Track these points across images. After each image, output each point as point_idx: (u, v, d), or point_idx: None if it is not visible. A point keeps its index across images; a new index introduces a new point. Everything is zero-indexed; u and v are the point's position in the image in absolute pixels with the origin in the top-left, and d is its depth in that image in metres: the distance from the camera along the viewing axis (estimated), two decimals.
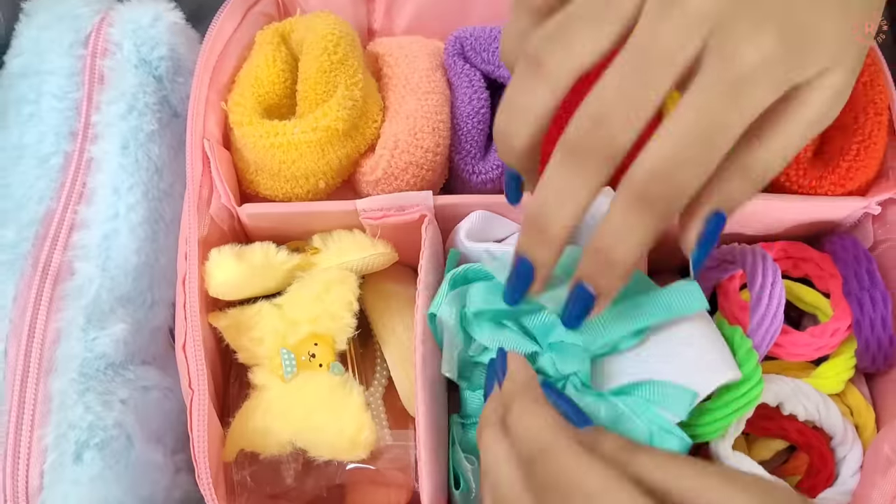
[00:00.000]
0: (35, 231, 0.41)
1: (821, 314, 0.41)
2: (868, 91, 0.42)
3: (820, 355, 0.39)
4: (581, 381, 0.36)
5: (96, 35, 0.46)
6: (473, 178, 0.45)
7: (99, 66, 0.45)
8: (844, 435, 0.38)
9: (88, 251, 0.41)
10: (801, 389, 0.38)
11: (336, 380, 0.39)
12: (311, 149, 0.41)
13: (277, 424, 0.38)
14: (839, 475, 0.38)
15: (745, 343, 0.35)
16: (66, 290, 0.40)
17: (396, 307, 0.43)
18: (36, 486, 0.37)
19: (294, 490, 0.41)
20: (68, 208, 0.42)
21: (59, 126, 0.44)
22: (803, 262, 0.42)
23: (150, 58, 0.46)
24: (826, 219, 0.43)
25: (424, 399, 0.37)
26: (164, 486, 0.41)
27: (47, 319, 0.39)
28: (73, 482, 0.37)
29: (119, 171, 0.43)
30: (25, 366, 0.38)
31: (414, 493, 0.42)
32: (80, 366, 0.39)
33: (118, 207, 0.43)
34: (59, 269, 0.41)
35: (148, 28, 0.46)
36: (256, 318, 0.40)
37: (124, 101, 0.44)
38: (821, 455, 0.38)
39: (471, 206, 0.42)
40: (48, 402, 0.38)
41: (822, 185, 0.41)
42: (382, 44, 0.47)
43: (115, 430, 0.38)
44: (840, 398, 0.40)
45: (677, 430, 0.34)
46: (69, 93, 0.45)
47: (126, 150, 0.44)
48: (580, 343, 0.36)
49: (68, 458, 0.37)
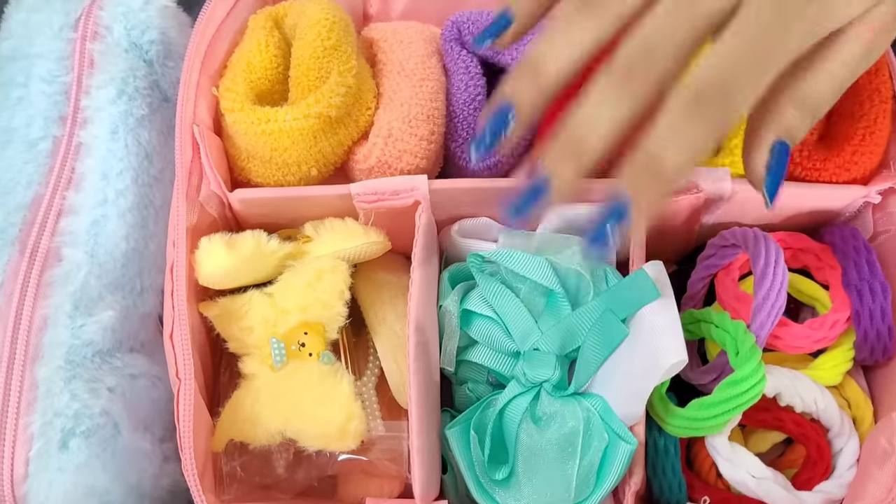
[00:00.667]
0: (23, 216, 0.41)
1: (819, 305, 0.41)
2: (873, 79, 0.41)
3: (819, 347, 0.39)
4: (553, 385, 0.37)
5: (86, 18, 0.45)
6: (469, 166, 0.45)
7: (89, 50, 0.44)
8: (841, 427, 0.38)
9: (77, 237, 0.41)
10: (799, 381, 0.37)
11: (325, 369, 0.39)
12: (303, 136, 0.40)
13: (267, 414, 0.38)
14: (836, 467, 0.38)
15: (749, 339, 0.35)
16: (54, 277, 0.40)
17: (388, 296, 0.43)
18: (21, 474, 0.37)
19: (285, 481, 0.41)
20: (56, 193, 0.42)
21: (49, 110, 0.43)
22: (802, 252, 0.42)
23: (140, 41, 0.45)
24: (826, 208, 0.43)
25: (417, 389, 0.36)
26: (151, 475, 0.40)
27: (34, 306, 0.39)
28: (59, 470, 0.37)
29: (108, 156, 0.43)
30: (11, 353, 0.38)
31: (406, 485, 0.41)
32: (66, 353, 0.39)
33: (107, 193, 0.42)
34: (46, 255, 0.40)
35: (138, 11, 0.46)
36: (246, 307, 0.40)
37: (114, 86, 0.44)
38: (818, 447, 0.38)
39: (465, 190, 0.41)
40: (34, 390, 0.37)
41: (826, 167, 0.41)
42: (377, 29, 0.46)
43: (101, 419, 0.38)
44: (838, 390, 0.40)
45: (629, 435, 0.36)
46: (58, 76, 0.44)
47: (115, 135, 0.43)
48: (552, 349, 0.37)
49: (54, 446, 0.37)
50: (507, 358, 0.39)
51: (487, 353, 0.40)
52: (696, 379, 0.39)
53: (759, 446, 0.40)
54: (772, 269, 0.37)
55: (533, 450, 0.37)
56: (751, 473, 0.36)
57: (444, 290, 0.41)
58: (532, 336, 0.38)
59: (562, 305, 0.38)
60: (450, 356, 0.40)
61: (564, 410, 0.38)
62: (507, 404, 0.38)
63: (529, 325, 0.38)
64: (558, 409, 0.38)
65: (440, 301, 0.40)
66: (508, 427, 0.38)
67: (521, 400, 0.38)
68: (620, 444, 0.36)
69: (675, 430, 0.37)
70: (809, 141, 0.42)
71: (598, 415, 0.37)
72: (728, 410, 0.35)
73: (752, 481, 0.36)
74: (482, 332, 0.39)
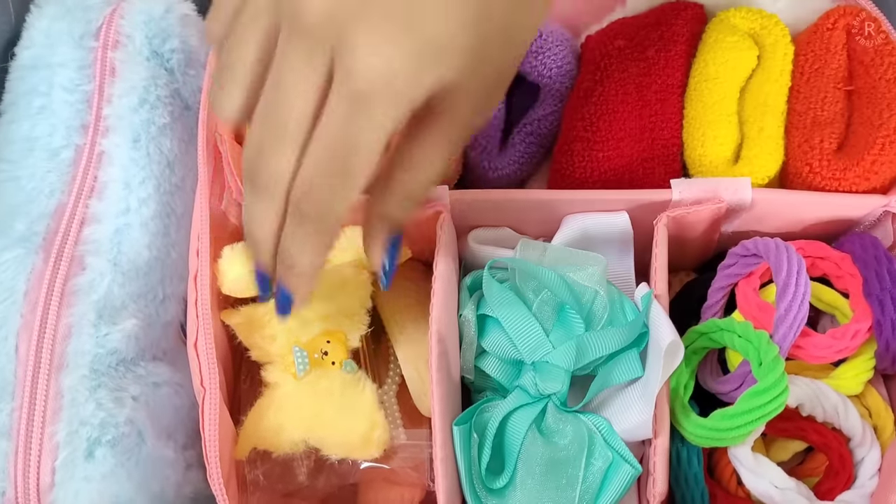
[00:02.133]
0: (46, 225, 0.41)
1: (839, 314, 0.41)
2: (893, 87, 0.41)
3: (840, 357, 0.39)
4: (560, 400, 0.37)
5: (107, 27, 0.45)
6: (490, 174, 0.45)
7: (110, 59, 0.45)
8: (863, 436, 0.38)
9: (100, 246, 0.41)
10: (821, 390, 0.37)
11: (348, 377, 0.39)
12: None
13: (290, 423, 0.38)
14: (857, 477, 0.38)
15: (772, 350, 0.35)
16: (78, 285, 0.40)
17: (406, 304, 0.43)
18: (47, 483, 0.37)
19: (307, 488, 0.41)
20: (79, 202, 0.42)
21: (70, 119, 0.43)
22: (821, 261, 0.42)
23: (161, 50, 0.46)
24: (846, 217, 0.43)
25: (440, 399, 0.36)
26: (174, 483, 0.40)
27: (58, 315, 0.39)
28: (85, 479, 0.37)
29: (130, 164, 0.43)
30: (37, 362, 0.38)
31: (427, 492, 0.41)
32: (91, 362, 0.39)
33: (129, 202, 0.42)
34: (70, 264, 0.40)
35: (159, 20, 0.46)
36: (269, 315, 0.40)
37: (136, 94, 0.44)
38: (840, 457, 0.38)
39: (486, 200, 0.42)
40: (59, 399, 0.38)
41: (845, 177, 0.41)
42: None
43: (126, 427, 0.38)
44: (859, 399, 0.40)
45: (633, 460, 0.36)
46: (80, 85, 0.44)
47: (137, 144, 0.43)
48: (563, 365, 0.37)
49: (80, 455, 0.37)
50: (508, 367, 0.39)
51: (494, 362, 0.40)
52: (718, 388, 0.39)
53: (780, 455, 0.40)
54: (794, 280, 0.37)
55: (536, 461, 0.37)
56: (774, 484, 0.36)
57: (463, 299, 0.41)
58: (542, 348, 0.38)
59: (574, 321, 0.38)
60: (468, 364, 0.40)
61: (570, 426, 0.37)
62: (511, 413, 0.38)
63: (539, 338, 0.38)
64: (564, 423, 0.38)
65: (460, 310, 0.40)
66: (512, 436, 0.38)
67: (528, 410, 0.38)
68: (623, 465, 0.36)
69: (697, 439, 0.37)
70: (829, 150, 0.42)
71: (601, 435, 0.37)
72: (751, 421, 0.35)
73: (776, 492, 0.36)
74: (489, 341, 0.39)
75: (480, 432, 0.37)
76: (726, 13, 0.46)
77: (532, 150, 0.47)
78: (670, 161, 0.44)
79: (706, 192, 0.41)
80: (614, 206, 0.41)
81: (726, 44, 0.44)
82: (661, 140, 0.44)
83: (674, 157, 0.44)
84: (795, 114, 0.43)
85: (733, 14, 0.45)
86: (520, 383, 0.38)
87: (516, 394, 0.38)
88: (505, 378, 0.39)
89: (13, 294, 0.39)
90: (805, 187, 0.43)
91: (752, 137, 0.43)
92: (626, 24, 0.47)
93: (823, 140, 0.42)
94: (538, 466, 0.37)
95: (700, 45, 0.46)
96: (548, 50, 0.46)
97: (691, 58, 0.46)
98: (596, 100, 0.45)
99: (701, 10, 0.47)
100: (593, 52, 0.46)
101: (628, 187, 0.42)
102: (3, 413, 0.37)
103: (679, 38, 0.45)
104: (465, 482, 0.36)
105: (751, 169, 0.42)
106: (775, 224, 0.43)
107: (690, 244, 0.44)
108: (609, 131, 0.44)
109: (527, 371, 0.38)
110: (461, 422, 0.37)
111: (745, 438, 0.36)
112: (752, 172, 0.42)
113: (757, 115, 0.43)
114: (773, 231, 0.43)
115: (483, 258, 0.42)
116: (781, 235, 0.42)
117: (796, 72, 0.44)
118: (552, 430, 0.38)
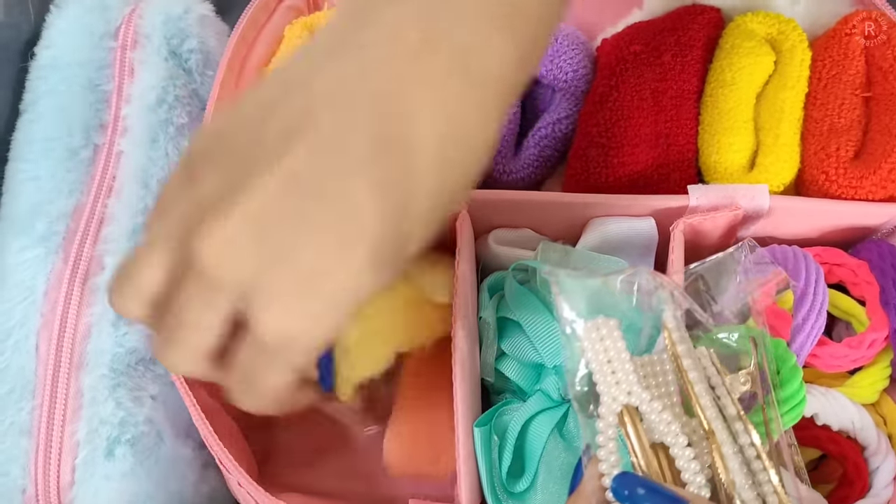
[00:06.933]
0: (66, 225, 0.41)
1: (856, 322, 0.41)
2: None
3: (856, 366, 0.39)
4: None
5: (126, 27, 0.45)
6: (504, 178, 0.45)
7: (129, 59, 0.45)
8: (878, 446, 0.38)
9: (118, 245, 0.41)
10: (837, 400, 0.38)
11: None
12: None
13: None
14: (872, 486, 0.38)
15: (790, 359, 0.35)
16: (97, 285, 0.40)
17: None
18: (67, 482, 0.37)
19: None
20: (98, 202, 0.42)
21: (90, 119, 0.44)
22: (838, 268, 0.42)
23: (180, 50, 0.46)
24: (863, 224, 0.43)
25: (463, 400, 0.37)
26: (192, 482, 0.41)
27: (78, 314, 0.39)
28: (105, 478, 0.37)
29: (148, 164, 0.43)
30: (57, 361, 0.38)
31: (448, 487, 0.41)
32: (110, 361, 0.39)
33: (147, 201, 0.42)
34: (89, 264, 0.40)
35: (178, 20, 0.46)
36: None
37: (154, 94, 0.44)
38: (855, 465, 0.38)
39: (503, 200, 0.42)
40: (80, 398, 0.38)
41: (862, 185, 0.41)
42: None
43: (145, 426, 0.38)
44: (874, 408, 0.40)
45: None
46: (99, 85, 0.44)
47: (156, 144, 0.43)
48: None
49: (100, 454, 0.37)
50: (528, 370, 0.39)
51: (514, 365, 0.40)
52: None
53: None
54: (812, 289, 0.37)
55: (557, 466, 0.37)
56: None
57: (483, 301, 0.41)
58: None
59: None
60: (488, 366, 0.40)
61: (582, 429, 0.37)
62: (533, 417, 0.38)
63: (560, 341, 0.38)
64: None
65: (480, 312, 0.40)
66: (534, 441, 0.38)
67: (549, 415, 0.38)
68: None
69: None
70: (845, 158, 0.42)
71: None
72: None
73: None
74: (509, 344, 0.39)
75: (501, 435, 0.37)
76: (743, 18, 0.45)
77: (546, 154, 0.47)
78: (685, 167, 0.44)
79: (723, 198, 0.41)
80: (633, 210, 0.42)
81: (743, 49, 0.44)
82: (676, 146, 0.44)
83: (689, 164, 0.44)
84: (812, 121, 0.43)
85: (750, 18, 0.45)
86: (541, 387, 0.38)
87: (537, 397, 0.38)
88: (524, 381, 0.39)
89: (33, 293, 0.40)
90: (821, 195, 0.42)
91: (768, 145, 0.43)
92: (641, 28, 0.47)
93: (840, 148, 0.42)
94: (559, 471, 0.37)
95: (717, 50, 0.46)
96: (563, 53, 0.46)
97: (707, 63, 0.46)
98: (611, 105, 0.45)
99: (718, 15, 0.46)
100: (609, 57, 0.46)
101: (643, 193, 0.42)
102: (23, 411, 0.38)
103: (695, 44, 0.45)
104: (486, 485, 0.37)
105: (766, 176, 0.42)
106: (791, 231, 0.43)
107: (706, 250, 0.44)
108: (624, 137, 0.44)
109: (549, 374, 0.38)
110: (481, 423, 0.37)
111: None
112: (768, 180, 0.42)
113: (773, 122, 0.43)
114: (788, 238, 0.43)
115: (504, 259, 0.42)
116: (797, 242, 0.42)
117: (813, 78, 0.44)
118: (574, 434, 0.38)
